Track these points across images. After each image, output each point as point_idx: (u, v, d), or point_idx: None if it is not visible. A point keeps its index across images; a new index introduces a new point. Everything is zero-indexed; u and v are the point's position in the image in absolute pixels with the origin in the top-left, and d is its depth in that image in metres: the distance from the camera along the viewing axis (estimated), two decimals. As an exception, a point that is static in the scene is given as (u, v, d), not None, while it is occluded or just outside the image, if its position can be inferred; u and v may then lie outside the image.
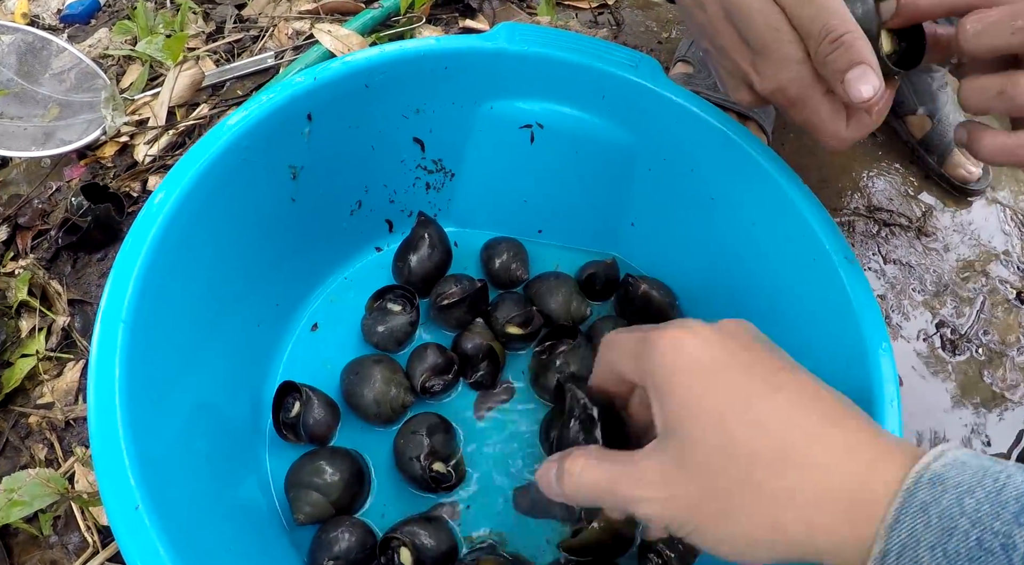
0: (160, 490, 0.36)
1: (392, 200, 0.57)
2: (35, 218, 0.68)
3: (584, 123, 0.53)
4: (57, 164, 0.72)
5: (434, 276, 0.55)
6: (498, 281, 0.57)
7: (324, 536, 0.46)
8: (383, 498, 0.49)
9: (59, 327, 0.61)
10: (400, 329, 0.53)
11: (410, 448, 0.48)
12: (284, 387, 0.50)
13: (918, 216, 0.76)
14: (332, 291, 0.57)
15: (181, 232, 0.42)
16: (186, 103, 0.72)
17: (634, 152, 0.54)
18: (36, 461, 0.56)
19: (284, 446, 0.50)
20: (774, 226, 0.48)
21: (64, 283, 0.64)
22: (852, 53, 0.33)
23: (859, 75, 0.33)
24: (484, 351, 0.52)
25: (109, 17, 0.87)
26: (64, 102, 0.75)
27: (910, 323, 0.69)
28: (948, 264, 0.74)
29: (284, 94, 0.46)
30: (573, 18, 0.83)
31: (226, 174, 0.44)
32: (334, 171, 0.52)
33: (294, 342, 0.55)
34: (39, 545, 0.53)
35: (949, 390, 0.66)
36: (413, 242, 0.55)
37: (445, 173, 0.57)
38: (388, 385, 0.50)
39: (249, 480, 0.49)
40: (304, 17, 0.75)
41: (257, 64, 0.74)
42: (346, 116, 0.50)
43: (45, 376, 0.60)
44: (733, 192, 0.50)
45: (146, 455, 0.37)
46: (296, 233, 0.52)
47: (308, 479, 0.46)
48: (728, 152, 0.49)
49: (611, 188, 0.56)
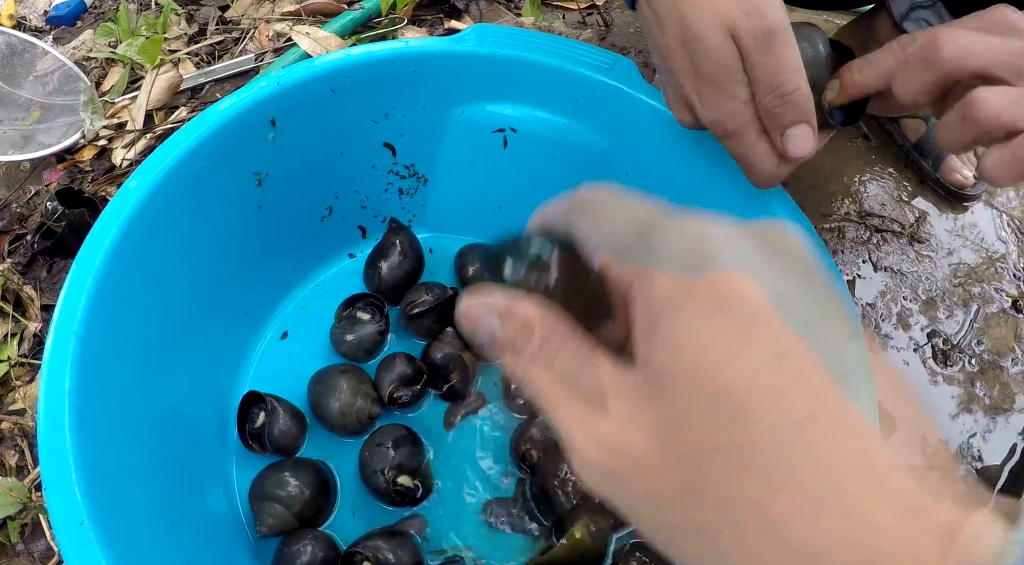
0: (111, 505, 0.36)
1: (364, 206, 0.56)
2: (13, 222, 0.67)
3: (558, 127, 0.52)
4: (36, 168, 0.71)
5: (405, 284, 0.54)
6: (471, 288, 0.56)
7: (286, 550, 0.45)
8: (349, 510, 0.49)
9: (31, 333, 0.61)
10: (369, 338, 0.52)
11: (375, 461, 0.47)
12: (249, 397, 0.49)
13: (911, 222, 0.74)
14: (303, 298, 0.56)
15: (138, 240, 0.41)
16: (165, 106, 0.71)
17: (610, 157, 0.52)
18: (7, 468, 0.56)
19: (251, 457, 0.50)
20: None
21: (39, 288, 0.63)
22: (797, 113, 0.35)
23: (799, 134, 0.35)
24: (454, 361, 0.51)
25: (95, 19, 0.86)
26: (46, 105, 0.75)
27: (901, 333, 0.68)
28: (941, 271, 0.72)
29: (245, 100, 0.45)
30: (560, 19, 0.82)
31: (186, 181, 0.44)
32: (302, 177, 0.51)
33: (263, 350, 0.54)
34: (7, 553, 0.53)
35: (941, 402, 0.64)
36: (384, 249, 0.54)
37: (418, 178, 0.56)
38: (355, 396, 0.49)
39: (215, 491, 0.48)
40: (286, 19, 0.75)
41: (237, 66, 0.73)
42: (312, 121, 0.49)
43: (17, 382, 0.59)
44: (710, 200, 0.49)
45: (97, 469, 0.36)
46: (264, 240, 0.51)
47: (272, 491, 0.46)
48: (707, 159, 0.47)
49: (588, 194, 0.55)
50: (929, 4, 0.65)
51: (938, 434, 0.19)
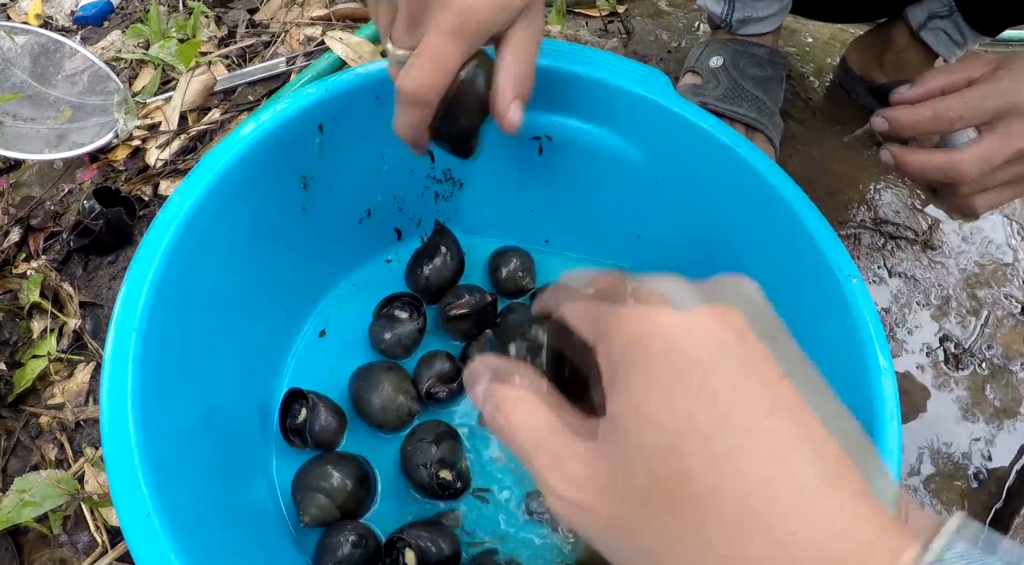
0: (170, 496, 0.37)
1: (401, 209, 0.58)
2: (47, 220, 0.69)
3: (593, 136, 0.54)
4: (69, 167, 0.73)
5: (448, 285, 0.56)
6: (505, 290, 0.57)
7: (328, 540, 0.46)
8: (387, 504, 0.50)
9: (70, 329, 0.62)
10: (408, 336, 0.53)
11: (417, 455, 0.48)
12: (291, 394, 0.51)
13: (924, 229, 0.76)
14: (340, 298, 0.58)
15: (195, 239, 0.43)
16: (198, 108, 0.73)
17: (642, 166, 0.54)
18: (46, 461, 0.57)
19: (291, 451, 0.51)
20: (780, 243, 0.48)
21: (75, 285, 0.65)
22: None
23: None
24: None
25: (122, 20, 0.87)
26: (77, 105, 0.76)
27: (914, 337, 0.70)
28: (953, 278, 0.74)
29: (296, 105, 0.47)
30: (583, 27, 0.84)
31: (239, 183, 0.45)
32: (344, 181, 0.53)
33: (302, 348, 0.56)
34: (48, 544, 0.54)
35: (952, 405, 0.66)
36: (430, 251, 0.56)
37: (454, 183, 0.58)
38: (396, 393, 0.50)
39: (257, 485, 0.50)
40: (316, 23, 0.76)
41: (269, 70, 0.74)
42: (357, 127, 0.50)
43: (56, 377, 0.61)
44: (740, 209, 0.51)
45: (157, 461, 0.37)
46: (306, 241, 0.53)
47: (315, 482, 0.47)
48: (736, 170, 0.49)
49: (618, 201, 0.57)
50: (947, 14, 0.67)
51: (871, 447, 0.21)
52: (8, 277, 0.65)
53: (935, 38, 0.70)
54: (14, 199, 0.71)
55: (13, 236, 0.67)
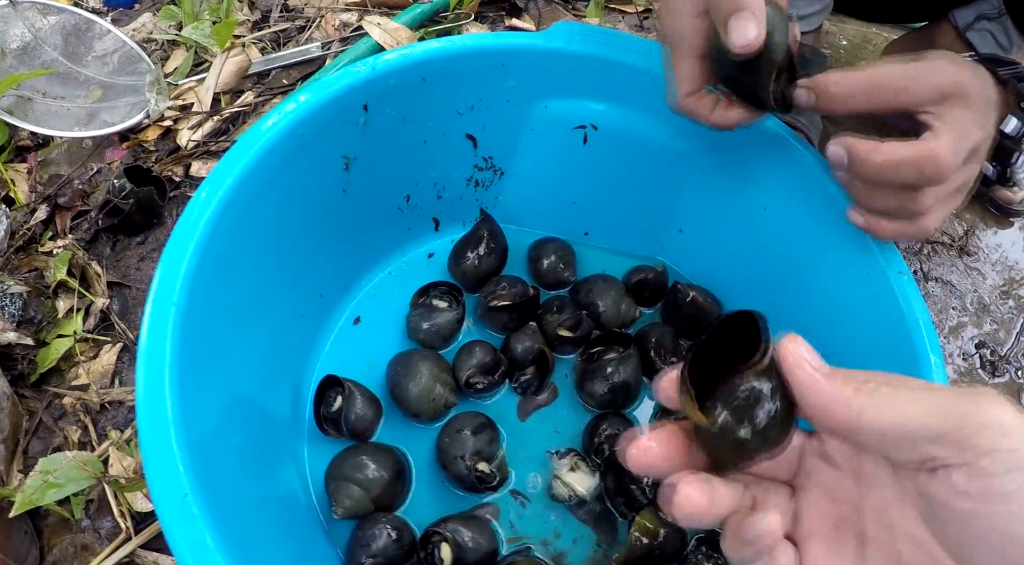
0: (206, 478, 0.36)
1: (440, 196, 0.57)
2: (75, 199, 0.68)
3: (639, 126, 0.53)
4: (98, 146, 0.72)
5: (491, 274, 0.55)
6: (544, 281, 0.56)
7: (362, 533, 0.45)
8: (422, 496, 0.49)
9: (97, 309, 0.61)
10: (447, 326, 0.52)
11: (455, 447, 0.47)
12: (326, 381, 0.50)
13: (960, 235, 0.75)
14: (375, 285, 0.57)
15: (235, 216, 0.42)
16: (231, 90, 0.72)
17: (688, 158, 0.53)
18: (69, 443, 0.56)
19: (322, 440, 0.50)
20: (827, 238, 0.47)
21: (103, 265, 0.64)
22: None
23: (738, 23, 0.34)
24: (534, 355, 0.51)
25: (153, 2, 0.87)
26: (107, 84, 0.75)
27: (950, 342, 0.68)
28: (989, 283, 0.73)
29: (342, 83, 0.45)
30: (620, 21, 0.83)
31: (281, 160, 0.44)
32: (386, 164, 0.52)
33: (336, 335, 0.54)
34: (70, 529, 0.53)
35: (990, 413, 0.65)
36: (475, 239, 0.54)
37: (495, 171, 0.57)
38: (434, 382, 0.49)
39: (287, 471, 0.49)
40: (351, 9, 0.75)
41: (303, 54, 0.73)
42: (401, 108, 0.49)
43: (81, 357, 0.60)
44: (787, 202, 0.50)
45: (193, 442, 0.36)
46: (345, 225, 0.52)
47: (350, 473, 0.46)
48: (785, 161, 0.48)
49: (661, 193, 0.56)
50: (996, 16, 0.66)
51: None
52: (34, 255, 0.64)
53: (981, 39, 0.69)
54: (42, 177, 0.70)
55: (40, 214, 0.66)
